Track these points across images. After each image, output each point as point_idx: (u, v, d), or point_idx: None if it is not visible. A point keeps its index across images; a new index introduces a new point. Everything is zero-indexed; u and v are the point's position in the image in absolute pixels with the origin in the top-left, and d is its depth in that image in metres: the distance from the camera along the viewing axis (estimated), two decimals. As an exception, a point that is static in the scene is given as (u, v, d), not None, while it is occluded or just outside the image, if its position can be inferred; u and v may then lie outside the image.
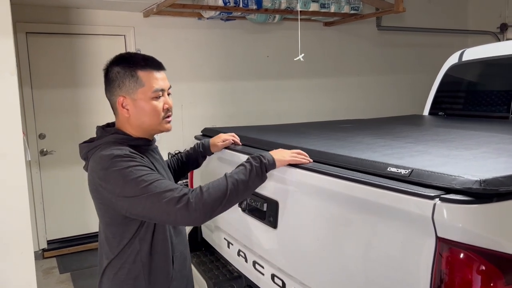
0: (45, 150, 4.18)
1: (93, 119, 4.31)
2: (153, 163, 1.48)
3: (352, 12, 4.70)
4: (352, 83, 5.57)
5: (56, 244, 4.26)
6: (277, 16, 4.63)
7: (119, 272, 1.47)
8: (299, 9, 4.16)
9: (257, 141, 1.92)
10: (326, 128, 2.34)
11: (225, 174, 1.41)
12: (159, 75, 1.49)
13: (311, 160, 1.50)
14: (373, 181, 1.21)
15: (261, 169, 1.45)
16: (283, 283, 1.61)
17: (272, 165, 1.49)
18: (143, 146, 1.51)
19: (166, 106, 1.50)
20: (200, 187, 1.35)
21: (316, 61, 5.21)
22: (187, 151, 2.00)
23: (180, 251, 1.58)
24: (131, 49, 4.31)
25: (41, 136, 4.16)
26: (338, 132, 2.12)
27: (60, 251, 4.21)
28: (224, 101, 4.86)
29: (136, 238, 1.44)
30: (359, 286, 1.28)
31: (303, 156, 1.52)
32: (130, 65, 1.45)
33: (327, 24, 5.23)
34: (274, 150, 1.56)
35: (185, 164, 1.97)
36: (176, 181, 1.81)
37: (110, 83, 1.48)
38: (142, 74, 1.45)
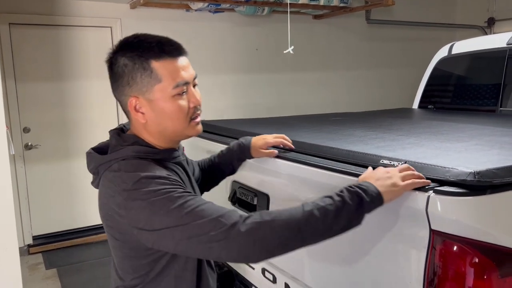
0: (29, 144, 4.09)
1: (79, 113, 4.24)
2: (182, 181, 1.14)
3: (342, 5, 4.69)
4: (341, 76, 5.56)
5: (41, 240, 4.19)
6: (266, 9, 4.59)
7: None
8: (288, 1, 4.12)
9: (247, 134, 1.89)
10: (316, 121, 2.32)
11: (302, 204, 1.03)
12: (180, 63, 1.12)
13: (429, 182, 1.07)
14: (366, 173, 1.19)
15: (356, 209, 1.02)
16: (274, 277, 1.59)
17: (376, 201, 1.04)
18: (169, 160, 1.17)
19: (193, 103, 1.14)
20: (261, 213, 1.01)
21: (306, 55, 5.19)
22: (221, 151, 1.58)
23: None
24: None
25: (26, 130, 4.07)
26: (329, 125, 2.10)
27: (46, 247, 4.14)
28: (212, 94, 4.81)
29: (169, 274, 1.13)
30: (353, 279, 1.27)
31: (419, 175, 1.08)
32: (140, 54, 1.09)
33: (316, 17, 5.20)
34: (372, 172, 1.12)
35: (217, 168, 1.55)
36: (206, 191, 1.51)
37: (116, 79, 1.13)
38: (157, 65, 1.09)
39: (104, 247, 4.08)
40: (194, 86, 1.17)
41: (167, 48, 1.11)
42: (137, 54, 1.10)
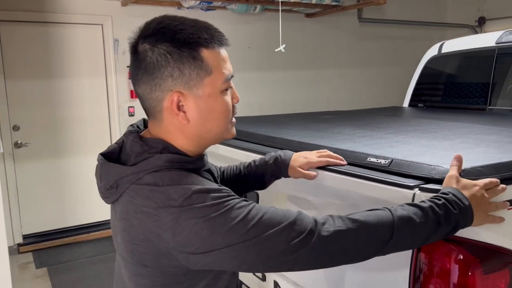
0: (19, 142, 4.06)
1: (69, 111, 4.21)
2: None
3: (334, 3, 4.70)
4: (333, 75, 5.58)
5: (32, 239, 4.16)
6: (258, 7, 4.59)
7: None
8: (280, -1, 4.12)
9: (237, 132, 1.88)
10: (306, 119, 2.32)
11: (387, 208, 0.94)
12: (224, 53, 0.97)
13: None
14: (352, 171, 1.20)
15: (447, 234, 0.95)
16: (263, 275, 1.59)
17: (465, 224, 0.95)
18: (201, 168, 1.00)
19: (236, 100, 1.01)
20: (343, 218, 0.90)
21: (297, 53, 5.20)
22: (253, 161, 1.34)
23: None
24: (109, 39, 4.21)
25: (15, 128, 4.03)
26: (319, 123, 2.10)
27: (36, 246, 4.11)
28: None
29: None
30: (338, 277, 1.27)
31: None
32: (188, 40, 0.90)
33: (308, 15, 5.21)
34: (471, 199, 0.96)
35: (244, 180, 1.32)
36: None
37: (151, 70, 0.91)
38: (207, 54, 0.92)
39: (94, 246, 4.07)
40: None
41: (216, 34, 0.95)
42: (184, 40, 0.90)
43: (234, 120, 1.02)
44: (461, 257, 1.00)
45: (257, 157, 1.42)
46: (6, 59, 3.92)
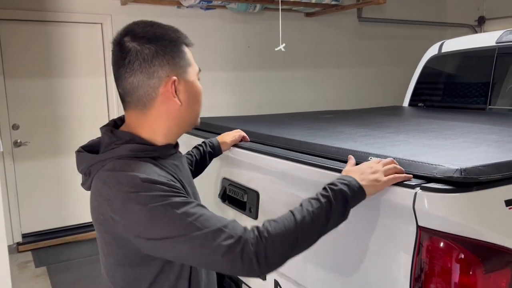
0: (19, 141, 4.05)
1: (69, 110, 4.21)
2: (181, 181, 1.09)
3: (333, 3, 4.69)
4: (332, 74, 5.58)
5: (31, 238, 4.15)
6: (258, 6, 4.58)
7: None
8: (280, -1, 4.12)
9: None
10: (307, 118, 2.32)
11: (290, 211, 1.02)
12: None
13: (410, 177, 1.10)
14: (354, 170, 1.20)
15: (342, 208, 1.03)
16: (264, 276, 1.59)
17: (359, 196, 1.06)
18: (167, 156, 1.10)
19: None
20: (259, 229, 0.97)
21: (297, 52, 5.20)
22: (194, 151, 1.65)
23: None
24: (108, 38, 4.20)
25: (15, 127, 4.03)
26: (320, 122, 2.10)
27: (35, 245, 4.10)
28: (204, 92, 4.76)
29: (163, 285, 1.06)
30: (339, 276, 1.27)
31: (401, 170, 1.11)
32: (175, 38, 1.08)
33: (308, 15, 5.21)
34: (355, 167, 1.14)
35: (198, 166, 1.62)
36: None
37: (148, 60, 1.04)
38: (187, 50, 1.12)
39: (94, 245, 4.05)
40: None
41: (187, 36, 1.13)
42: (172, 38, 1.08)
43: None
44: (462, 256, 1.00)
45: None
46: (5, 58, 3.92)
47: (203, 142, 1.69)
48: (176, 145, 1.17)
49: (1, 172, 3.92)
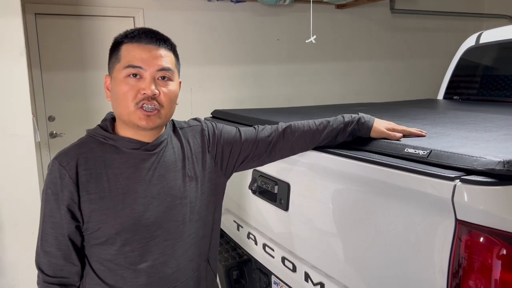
0: (54, 132, 4.18)
1: (102, 102, 4.29)
2: (106, 174, 1.18)
3: (365, -6, 4.60)
4: (363, 67, 5.48)
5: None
6: (288, -2, 4.54)
7: None
8: (311, -10, 4.07)
9: (267, 122, 1.87)
10: (339, 110, 2.29)
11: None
12: (146, 49, 1.14)
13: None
14: (390, 162, 1.17)
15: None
16: (294, 266, 1.59)
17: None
18: (130, 150, 1.20)
19: (143, 92, 1.13)
20: None
21: (327, 45, 5.13)
22: (324, 120, 1.43)
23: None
24: (140, 31, 4.26)
25: (51, 119, 4.16)
26: (352, 114, 2.07)
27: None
28: (234, 85, 4.81)
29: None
30: (374, 270, 1.25)
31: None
32: (116, 40, 1.20)
33: (339, 6, 5.13)
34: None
35: (314, 135, 1.40)
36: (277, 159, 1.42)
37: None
38: (125, 47, 1.16)
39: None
40: (164, 78, 1.17)
41: (144, 35, 1.16)
42: (115, 39, 1.21)
43: (146, 112, 1.13)
44: (505, 252, 0.96)
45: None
46: (42, 52, 4.03)
47: (355, 117, 1.43)
48: (158, 141, 1.23)
49: (38, 162, 4.04)
